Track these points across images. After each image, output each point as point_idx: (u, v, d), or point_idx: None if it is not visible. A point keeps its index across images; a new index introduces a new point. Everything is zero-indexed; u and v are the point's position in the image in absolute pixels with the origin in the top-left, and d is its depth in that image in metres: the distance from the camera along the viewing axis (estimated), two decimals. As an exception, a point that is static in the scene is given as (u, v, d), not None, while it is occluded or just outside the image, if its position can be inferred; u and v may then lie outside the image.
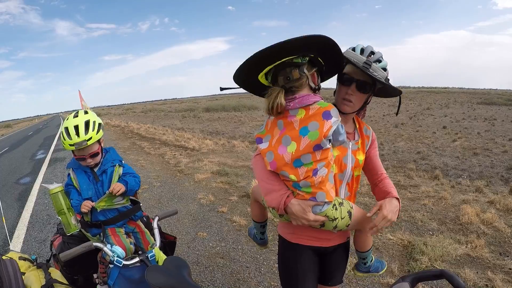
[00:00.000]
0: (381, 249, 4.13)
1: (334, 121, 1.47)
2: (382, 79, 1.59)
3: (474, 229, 4.71)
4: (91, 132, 2.22)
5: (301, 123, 1.51)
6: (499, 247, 4.24)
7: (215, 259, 4.02)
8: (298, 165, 1.50)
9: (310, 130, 1.48)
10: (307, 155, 1.48)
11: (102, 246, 1.93)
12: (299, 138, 1.50)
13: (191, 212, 5.65)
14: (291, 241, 1.86)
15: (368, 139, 1.84)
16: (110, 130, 25.04)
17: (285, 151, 1.53)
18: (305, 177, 1.50)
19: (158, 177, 8.34)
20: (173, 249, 2.89)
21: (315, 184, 1.50)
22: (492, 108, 50.95)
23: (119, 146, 14.65)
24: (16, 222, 5.86)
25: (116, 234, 2.34)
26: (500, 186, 9.56)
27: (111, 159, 2.44)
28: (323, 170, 1.51)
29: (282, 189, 1.57)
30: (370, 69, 1.55)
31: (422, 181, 8.50)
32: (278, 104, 1.50)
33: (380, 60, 1.61)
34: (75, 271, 2.45)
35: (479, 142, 20.48)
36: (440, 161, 14.88)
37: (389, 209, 1.57)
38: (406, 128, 28.05)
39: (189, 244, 4.45)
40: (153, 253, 1.99)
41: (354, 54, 1.60)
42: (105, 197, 2.32)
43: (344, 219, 1.61)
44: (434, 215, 5.33)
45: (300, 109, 1.53)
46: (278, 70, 1.53)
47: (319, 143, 1.45)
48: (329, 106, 1.51)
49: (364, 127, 1.86)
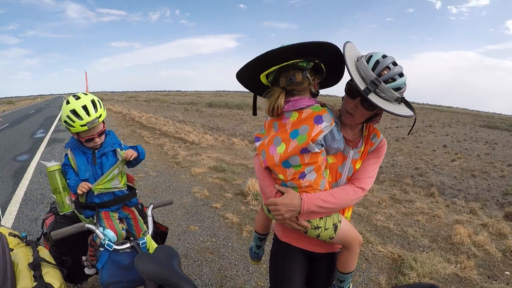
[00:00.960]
0: (370, 260, 4.12)
1: (325, 126, 1.47)
2: (389, 101, 1.44)
3: (465, 250, 4.70)
4: (100, 109, 2.25)
5: (293, 126, 1.53)
6: (488, 270, 4.23)
7: (204, 254, 4.01)
8: (286, 166, 1.55)
9: (299, 133, 1.50)
10: (295, 157, 1.51)
11: (94, 228, 1.93)
12: (288, 140, 1.53)
13: (184, 205, 5.64)
14: (281, 239, 1.88)
15: (371, 146, 1.73)
16: (112, 116, 25.01)
17: (274, 151, 1.57)
18: (292, 178, 1.55)
19: (155, 167, 8.33)
20: (164, 240, 2.89)
21: (302, 186, 1.54)
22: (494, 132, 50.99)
23: (119, 132, 14.64)
24: (9, 198, 5.83)
25: (109, 218, 2.33)
26: (495, 210, 9.58)
27: (111, 142, 2.44)
28: (312, 174, 1.53)
29: (273, 186, 1.63)
30: (375, 91, 1.41)
31: (418, 197, 8.52)
32: (278, 105, 1.52)
33: (395, 79, 1.44)
34: (64, 251, 2.45)
35: (478, 164, 20.50)
36: (437, 179, 14.89)
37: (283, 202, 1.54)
38: (407, 143, 28.06)
39: (179, 236, 4.44)
40: (144, 241, 1.99)
41: (365, 68, 1.43)
42: (104, 177, 2.32)
43: (327, 230, 1.60)
44: (426, 232, 5.32)
45: (294, 112, 1.55)
46: (281, 71, 1.53)
47: (305, 147, 1.47)
48: (322, 111, 1.51)
49: (374, 134, 1.73)
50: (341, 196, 1.58)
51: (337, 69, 1.59)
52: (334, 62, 1.53)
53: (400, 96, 1.46)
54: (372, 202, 6.72)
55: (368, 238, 4.70)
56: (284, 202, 1.54)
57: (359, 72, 1.45)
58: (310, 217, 1.57)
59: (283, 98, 1.53)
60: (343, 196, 1.59)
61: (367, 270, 3.90)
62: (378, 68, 1.43)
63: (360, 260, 4.11)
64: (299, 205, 1.52)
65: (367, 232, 4.96)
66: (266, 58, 1.46)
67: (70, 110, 2.16)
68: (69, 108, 2.16)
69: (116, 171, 2.39)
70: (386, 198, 7.11)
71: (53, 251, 2.38)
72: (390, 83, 1.42)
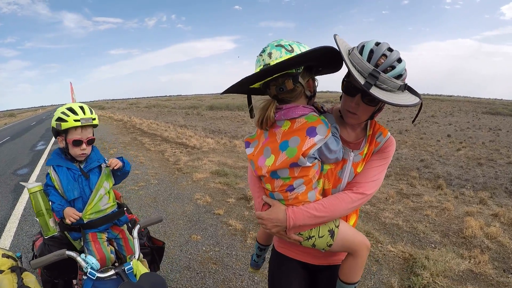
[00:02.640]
0: (381, 261, 3.97)
1: (319, 140, 1.33)
2: (392, 91, 1.29)
3: (478, 243, 4.56)
4: (94, 114, 2.25)
5: (283, 136, 1.39)
6: (503, 263, 4.10)
7: (207, 265, 3.86)
8: (274, 176, 1.43)
9: (290, 145, 1.36)
10: (284, 170, 1.39)
11: (75, 255, 1.77)
12: (278, 152, 1.39)
13: (186, 213, 5.50)
14: (277, 250, 1.77)
15: (376, 146, 1.55)
16: (113, 124, 24.95)
17: (263, 163, 1.44)
18: (280, 190, 1.43)
19: (156, 174, 8.20)
20: (161, 255, 2.75)
21: (288, 199, 1.42)
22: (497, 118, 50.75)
23: (120, 141, 14.49)
24: (9, 214, 5.72)
25: (96, 241, 2.19)
26: (504, 199, 9.41)
27: (96, 158, 2.33)
28: (301, 187, 1.41)
29: (261, 197, 1.53)
30: (375, 84, 1.25)
31: (425, 190, 8.36)
32: (268, 117, 1.38)
33: (394, 66, 1.27)
34: (56, 274, 2.31)
35: (483, 152, 20.32)
36: (444, 170, 14.72)
37: (268, 217, 1.44)
38: (410, 135, 27.90)
39: (181, 247, 4.30)
40: (130, 266, 1.82)
41: (360, 61, 1.26)
42: (91, 201, 2.19)
43: (322, 238, 1.46)
44: (436, 227, 5.17)
45: (286, 121, 1.40)
46: (270, 80, 1.38)
47: (295, 161, 1.34)
48: (316, 122, 1.36)
49: (379, 133, 1.56)
50: (334, 205, 1.42)
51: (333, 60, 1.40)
52: (329, 57, 1.36)
53: (402, 84, 1.31)
54: (379, 199, 6.57)
55: (377, 237, 4.55)
56: (269, 217, 1.44)
57: (354, 66, 1.28)
58: (301, 230, 1.44)
59: (274, 109, 1.39)
60: (336, 205, 1.43)
61: (378, 272, 3.75)
62: (374, 58, 1.27)
63: (370, 261, 3.96)
64: (284, 221, 1.40)
65: (375, 231, 4.80)
66: (252, 78, 1.34)
67: (67, 108, 2.15)
68: (65, 107, 2.17)
69: (103, 191, 2.25)
70: (393, 193, 6.95)
71: (45, 274, 2.26)
72: (389, 72, 1.27)
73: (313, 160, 1.37)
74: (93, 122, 2.21)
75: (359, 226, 4.74)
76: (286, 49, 1.29)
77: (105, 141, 13.94)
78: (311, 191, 1.43)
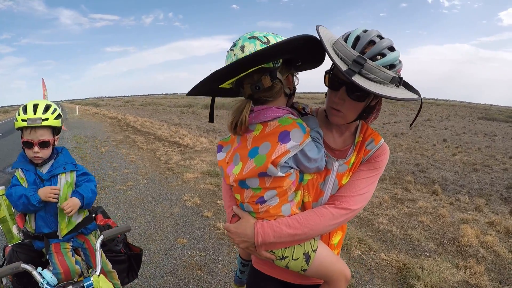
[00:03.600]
0: (373, 270, 3.80)
1: (293, 146, 1.14)
2: (383, 83, 1.10)
3: (474, 253, 4.43)
4: (49, 114, 1.97)
5: (254, 142, 1.21)
6: (499, 275, 3.99)
7: (192, 270, 3.68)
8: (244, 186, 1.24)
9: (259, 152, 1.17)
10: (253, 179, 1.20)
11: (30, 269, 1.59)
12: (246, 159, 1.21)
13: (174, 215, 5.30)
14: (255, 266, 1.55)
15: (366, 155, 1.34)
16: (107, 122, 24.74)
17: (231, 171, 1.25)
18: (249, 201, 1.24)
19: (146, 173, 8.00)
20: (139, 263, 2.58)
21: (259, 212, 1.23)
22: (493, 123, 50.99)
23: (112, 138, 14.29)
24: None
25: (59, 252, 1.99)
26: (500, 206, 9.32)
27: (63, 163, 2.09)
28: (273, 200, 1.22)
29: (231, 206, 1.36)
30: (360, 72, 1.07)
31: (420, 195, 8.24)
32: (243, 121, 1.18)
33: (384, 54, 1.10)
34: (25, 282, 2.14)
35: (479, 157, 20.31)
36: (439, 174, 14.66)
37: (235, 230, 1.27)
38: (406, 138, 27.89)
39: (166, 251, 4.10)
40: (90, 282, 1.63)
41: (344, 47, 1.10)
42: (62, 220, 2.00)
43: (296, 261, 1.26)
44: (431, 234, 5.03)
45: (258, 124, 1.21)
46: (244, 76, 1.18)
47: (264, 171, 1.15)
48: (290, 125, 1.17)
49: (370, 139, 1.35)
50: (311, 222, 1.22)
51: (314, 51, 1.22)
52: (308, 51, 1.19)
53: (396, 76, 1.12)
54: (373, 203, 6.41)
55: (370, 244, 4.39)
56: (237, 230, 1.26)
57: (337, 54, 1.11)
58: (273, 247, 1.25)
59: (249, 112, 1.19)
60: (314, 221, 1.22)
61: (370, 282, 3.58)
62: (359, 44, 1.10)
63: (362, 270, 3.79)
64: (252, 236, 1.22)
65: (369, 237, 4.64)
66: (221, 73, 1.14)
67: (23, 106, 1.97)
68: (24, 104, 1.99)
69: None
70: (387, 198, 6.81)
71: (15, 282, 2.08)
72: (379, 60, 1.09)
73: (288, 170, 1.18)
74: (43, 123, 1.93)
75: (351, 232, 4.59)
76: (261, 41, 1.10)
77: (97, 139, 13.74)
78: (285, 204, 1.24)
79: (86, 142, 12.86)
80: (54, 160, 2.07)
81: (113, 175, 7.75)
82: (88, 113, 37.35)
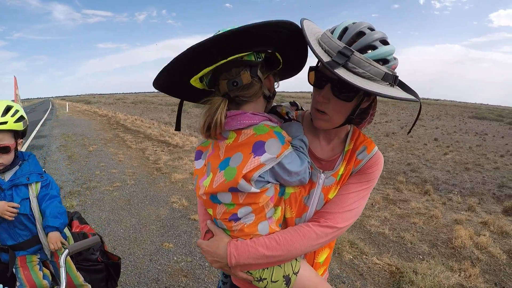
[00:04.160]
0: (365, 276, 3.67)
1: (268, 159, 0.99)
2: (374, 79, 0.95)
3: (468, 254, 4.34)
4: (9, 117, 1.78)
5: (227, 152, 1.05)
6: (494, 276, 3.92)
7: (177, 277, 3.51)
8: (215, 201, 1.07)
9: (230, 164, 1.02)
10: (225, 194, 1.04)
11: None
12: (216, 171, 1.05)
13: (160, 218, 5.12)
14: (234, 282, 1.37)
15: (356, 165, 1.17)
16: (97, 120, 24.35)
17: (201, 183, 1.09)
18: (222, 218, 1.08)
19: (133, 174, 7.78)
20: (118, 271, 2.42)
21: (233, 230, 1.08)
22: (483, 122, 51.45)
23: (101, 137, 14.01)
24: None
25: (25, 266, 1.83)
26: (492, 205, 9.30)
27: (28, 172, 1.91)
28: (248, 217, 1.06)
29: (206, 221, 1.19)
30: (346, 65, 0.93)
31: (412, 196, 8.16)
32: (217, 123, 1.01)
33: (375, 46, 0.96)
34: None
35: (470, 156, 20.40)
36: (431, 174, 14.65)
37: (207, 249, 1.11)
38: (397, 138, 27.94)
39: (151, 256, 3.93)
40: None
41: (329, 39, 0.97)
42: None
43: (276, 283, 1.11)
44: (424, 236, 4.92)
45: (232, 132, 1.05)
46: (219, 70, 1.03)
47: (234, 186, 0.99)
48: (266, 135, 1.02)
49: (362, 147, 1.18)
50: (291, 242, 1.06)
51: (298, 54, 1.11)
52: (292, 47, 1.06)
53: (390, 73, 0.96)
54: (365, 205, 6.28)
55: (362, 248, 4.26)
56: (209, 249, 1.11)
57: (322, 46, 0.98)
58: (249, 268, 1.10)
59: (225, 111, 1.03)
60: (295, 242, 1.07)
61: (362, 288, 3.46)
62: (347, 35, 0.97)
63: (354, 276, 3.66)
64: (225, 257, 1.06)
65: (360, 241, 4.51)
66: (191, 57, 0.95)
67: None
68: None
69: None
70: (379, 199, 6.71)
71: None
72: (368, 53, 0.94)
73: (264, 185, 1.03)
74: (1, 127, 1.75)
75: (342, 236, 4.44)
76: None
77: (86, 137, 13.45)
78: (263, 222, 1.08)
79: (75, 141, 12.58)
80: (19, 167, 1.90)
81: (100, 175, 7.54)
82: (79, 111, 36.84)
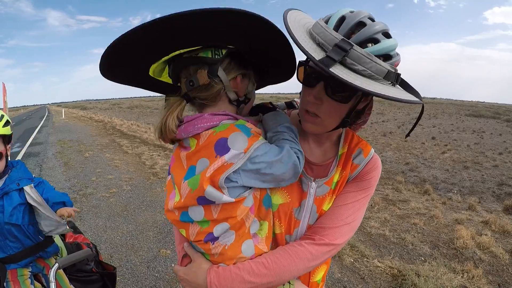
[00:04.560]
0: (367, 279, 3.60)
1: (234, 156, 0.83)
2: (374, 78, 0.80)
3: (470, 255, 4.28)
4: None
5: (189, 160, 0.93)
6: (497, 277, 3.85)
7: (175, 285, 3.43)
8: (186, 219, 0.92)
9: (196, 172, 0.89)
10: (196, 208, 0.89)
11: None
12: (180, 182, 0.92)
13: (157, 224, 5.04)
14: None
15: (353, 171, 1.03)
16: (93, 126, 24.24)
17: (172, 197, 0.95)
18: (196, 240, 0.93)
19: (130, 179, 7.69)
20: (113, 282, 2.33)
21: (212, 253, 0.92)
22: (480, 120, 51.54)
23: (98, 142, 13.91)
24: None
25: (16, 280, 1.74)
26: (493, 203, 9.25)
27: (17, 178, 1.84)
28: (228, 236, 0.91)
29: (182, 243, 1.03)
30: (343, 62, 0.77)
31: (412, 196, 8.10)
32: (167, 127, 0.91)
33: (377, 40, 0.81)
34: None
35: (469, 155, 20.40)
36: (430, 173, 14.61)
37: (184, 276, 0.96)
38: (395, 137, 27.93)
39: (149, 263, 3.85)
40: None
41: (323, 30, 0.80)
42: None
43: None
44: (425, 237, 4.85)
45: (191, 138, 0.92)
46: (178, 66, 0.92)
47: (201, 195, 0.86)
48: (227, 130, 0.87)
49: (358, 150, 1.04)
50: (283, 265, 0.91)
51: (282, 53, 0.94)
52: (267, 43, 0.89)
53: (393, 71, 0.81)
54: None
55: (362, 251, 4.18)
56: (186, 277, 0.95)
57: (314, 38, 0.82)
58: None
59: (176, 116, 0.92)
60: (287, 264, 0.92)
61: (364, 292, 3.39)
62: (344, 26, 0.82)
63: (355, 279, 3.59)
64: (204, 286, 0.90)
65: (361, 243, 4.44)
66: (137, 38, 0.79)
67: None
68: None
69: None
70: (378, 200, 6.63)
71: None
72: (369, 47, 0.80)
73: (241, 193, 0.88)
74: None
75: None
76: None
77: (82, 143, 13.35)
78: (247, 241, 0.92)
79: (71, 147, 12.48)
80: (8, 176, 1.83)
81: (96, 181, 7.45)
82: (75, 117, 36.76)
